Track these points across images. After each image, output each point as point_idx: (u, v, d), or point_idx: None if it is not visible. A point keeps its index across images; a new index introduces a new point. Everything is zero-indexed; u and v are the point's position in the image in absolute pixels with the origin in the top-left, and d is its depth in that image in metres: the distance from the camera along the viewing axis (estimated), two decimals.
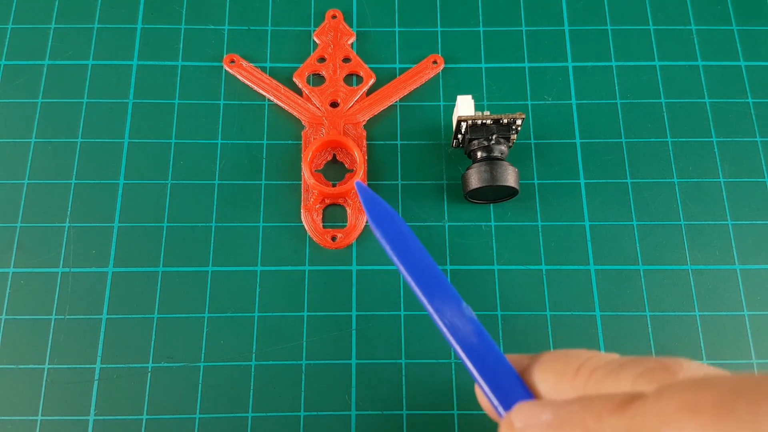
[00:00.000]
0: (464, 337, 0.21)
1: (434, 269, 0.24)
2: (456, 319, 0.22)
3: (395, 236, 0.25)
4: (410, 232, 0.25)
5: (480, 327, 0.22)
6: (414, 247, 0.24)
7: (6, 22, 0.35)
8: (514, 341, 0.29)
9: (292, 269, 0.31)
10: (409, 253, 0.24)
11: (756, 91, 0.34)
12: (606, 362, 0.17)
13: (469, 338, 0.21)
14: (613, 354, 0.18)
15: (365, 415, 0.28)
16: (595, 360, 0.17)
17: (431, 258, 0.24)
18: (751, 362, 0.29)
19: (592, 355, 0.18)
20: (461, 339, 0.21)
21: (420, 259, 0.24)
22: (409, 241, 0.25)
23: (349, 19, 0.36)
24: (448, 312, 0.22)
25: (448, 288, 0.23)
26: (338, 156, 0.33)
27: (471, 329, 0.21)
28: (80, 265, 0.30)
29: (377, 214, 0.26)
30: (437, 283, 0.23)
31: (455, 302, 0.22)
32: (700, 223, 0.32)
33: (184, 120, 0.33)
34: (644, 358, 0.16)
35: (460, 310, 0.22)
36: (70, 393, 0.28)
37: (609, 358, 0.17)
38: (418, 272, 0.23)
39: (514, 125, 0.30)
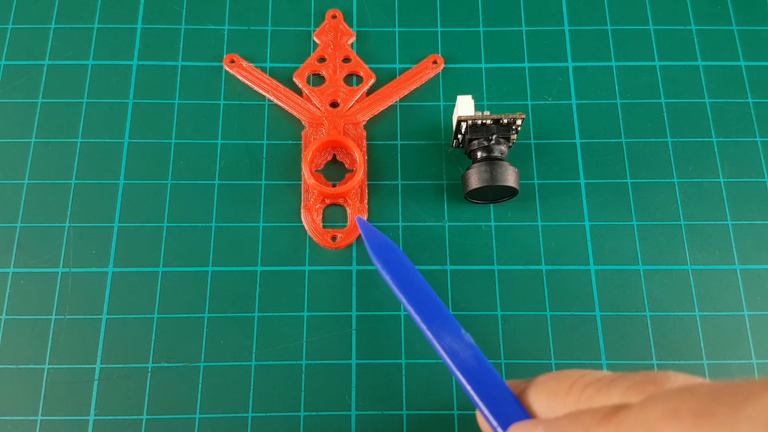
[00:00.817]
0: (463, 362, 0.22)
1: (433, 297, 0.25)
2: (455, 345, 0.23)
3: (396, 267, 0.26)
4: (410, 264, 0.27)
5: (479, 352, 0.22)
6: (413, 276, 0.26)
7: (6, 22, 0.35)
8: (514, 341, 0.29)
9: (292, 269, 0.31)
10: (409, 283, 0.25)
11: (756, 91, 0.34)
12: (597, 379, 0.18)
13: (468, 363, 0.22)
14: (605, 371, 0.18)
15: (365, 415, 0.28)
16: (586, 377, 0.18)
17: (431, 288, 0.25)
18: (751, 362, 0.29)
19: (584, 373, 0.18)
20: (461, 364, 0.22)
21: (419, 288, 0.25)
22: (409, 272, 0.26)
23: (349, 19, 0.36)
24: (447, 338, 0.23)
25: (447, 315, 0.24)
26: (338, 156, 0.33)
27: (470, 354, 0.22)
28: (80, 265, 0.30)
29: (377, 246, 0.27)
30: (437, 310, 0.24)
31: (454, 329, 0.23)
32: (700, 223, 0.32)
33: (184, 120, 0.33)
34: (633, 373, 0.17)
35: (460, 335, 0.23)
36: (70, 393, 0.28)
37: (600, 375, 0.18)
38: (417, 300, 0.25)
39: (514, 125, 0.30)
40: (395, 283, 0.26)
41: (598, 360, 0.29)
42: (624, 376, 0.17)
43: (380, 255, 0.27)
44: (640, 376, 0.17)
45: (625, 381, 0.17)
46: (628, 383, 0.17)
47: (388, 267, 0.26)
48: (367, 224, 0.29)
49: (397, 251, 0.27)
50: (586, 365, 0.29)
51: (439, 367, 0.29)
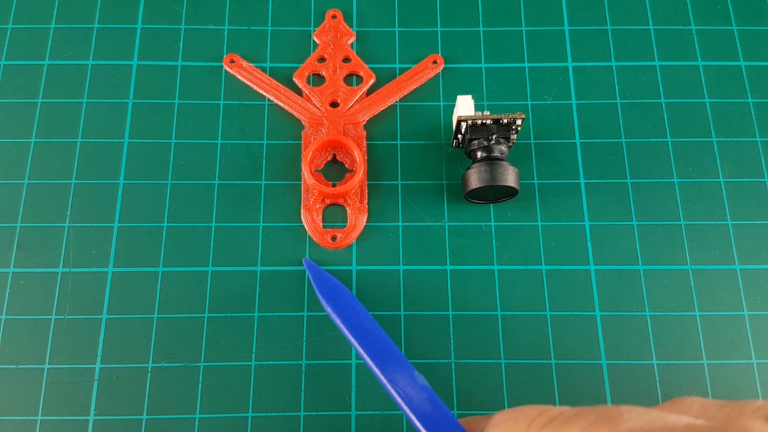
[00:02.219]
0: (418, 405, 0.22)
1: (386, 340, 0.25)
2: (409, 388, 0.23)
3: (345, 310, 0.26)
4: (360, 306, 0.27)
5: (433, 394, 0.23)
6: (365, 319, 0.26)
7: (6, 22, 0.35)
8: (514, 341, 0.29)
9: (292, 269, 0.31)
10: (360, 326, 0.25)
11: (756, 91, 0.34)
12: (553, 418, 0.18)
13: (423, 407, 0.22)
14: (563, 407, 0.18)
15: (365, 415, 0.28)
16: (544, 416, 0.18)
17: (382, 330, 0.25)
18: (751, 362, 0.29)
19: (542, 410, 0.18)
20: (415, 408, 0.22)
21: (371, 331, 0.25)
22: (359, 314, 0.26)
23: (349, 19, 0.36)
24: (401, 381, 0.23)
25: (400, 358, 0.24)
26: (338, 156, 0.33)
27: (425, 397, 0.22)
28: (80, 265, 0.30)
29: (326, 289, 0.27)
30: (389, 353, 0.24)
31: (408, 371, 0.23)
32: (700, 223, 0.32)
33: (184, 120, 0.33)
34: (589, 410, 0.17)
35: (413, 378, 0.23)
36: (70, 393, 0.28)
37: (557, 412, 0.18)
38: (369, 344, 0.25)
39: (514, 125, 0.30)
40: (346, 326, 0.25)
41: (598, 360, 0.29)
42: (580, 414, 0.17)
43: (329, 298, 0.27)
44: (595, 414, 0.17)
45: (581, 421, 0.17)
46: (583, 423, 0.17)
47: (337, 310, 0.26)
48: (315, 266, 0.29)
49: (347, 293, 0.27)
50: (586, 365, 0.29)
51: (438, 368, 0.29)
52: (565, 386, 0.29)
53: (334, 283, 0.28)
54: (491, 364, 0.29)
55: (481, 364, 0.29)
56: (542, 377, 0.29)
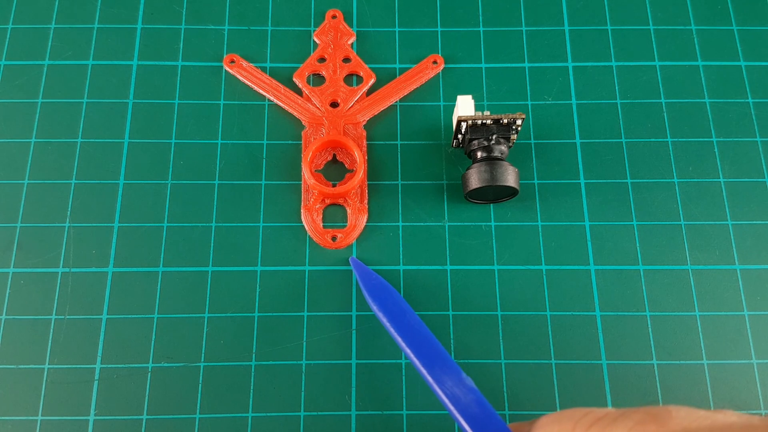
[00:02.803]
0: (466, 407, 0.22)
1: (432, 340, 0.24)
2: (457, 389, 0.22)
3: (392, 309, 0.26)
4: (406, 305, 0.26)
5: (481, 396, 0.22)
6: (411, 319, 0.25)
7: (6, 22, 0.35)
8: (514, 341, 0.29)
9: (292, 269, 0.31)
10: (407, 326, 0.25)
11: (756, 91, 0.34)
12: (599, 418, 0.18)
13: (470, 408, 0.22)
14: (608, 408, 0.18)
15: (365, 415, 0.28)
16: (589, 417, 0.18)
17: (429, 330, 0.25)
18: (751, 362, 0.29)
19: (586, 412, 0.18)
20: (463, 409, 0.22)
21: (418, 331, 0.25)
22: (406, 314, 0.26)
23: (349, 19, 0.36)
24: (448, 382, 0.23)
25: (447, 359, 0.24)
26: (338, 156, 0.33)
27: (472, 399, 0.22)
28: (80, 265, 0.30)
29: (373, 288, 0.27)
30: (437, 354, 0.24)
31: (455, 372, 0.23)
32: (700, 223, 0.32)
33: (184, 120, 0.33)
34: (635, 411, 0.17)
35: (461, 380, 0.23)
36: (70, 393, 0.28)
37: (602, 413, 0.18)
38: (417, 344, 0.24)
39: (514, 125, 0.30)
40: (393, 326, 0.25)
41: (598, 360, 0.29)
42: (626, 414, 0.17)
43: (376, 297, 0.27)
44: (642, 414, 0.17)
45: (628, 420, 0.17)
46: (630, 423, 0.17)
47: (385, 310, 0.26)
48: (362, 265, 0.29)
49: (394, 293, 0.27)
50: (586, 365, 0.29)
51: None
52: (565, 386, 0.29)
53: (381, 282, 0.28)
54: (491, 364, 0.29)
55: (481, 364, 0.29)
56: (542, 377, 0.29)
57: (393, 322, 0.25)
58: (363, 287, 0.27)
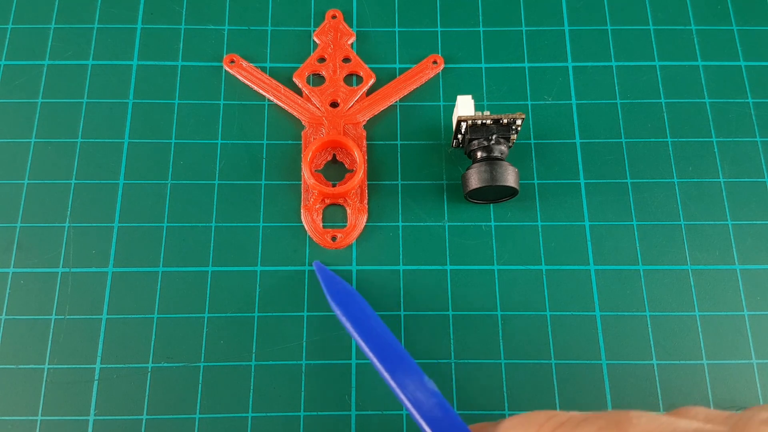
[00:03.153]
0: (428, 411, 0.22)
1: (395, 345, 0.25)
2: (419, 393, 0.23)
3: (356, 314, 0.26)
4: (371, 310, 0.26)
5: (443, 400, 0.22)
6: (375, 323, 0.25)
7: (6, 22, 0.35)
8: (514, 341, 0.29)
9: (292, 269, 0.31)
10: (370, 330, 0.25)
11: (756, 91, 0.34)
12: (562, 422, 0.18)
13: (432, 412, 0.22)
14: (572, 412, 0.18)
15: (365, 415, 0.28)
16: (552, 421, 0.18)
17: (392, 334, 0.25)
18: (751, 362, 0.29)
19: (550, 416, 0.18)
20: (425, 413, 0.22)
21: (381, 335, 0.25)
22: (370, 319, 0.26)
23: (349, 19, 0.36)
24: (410, 386, 0.23)
25: (410, 362, 0.24)
26: (338, 156, 0.33)
27: (434, 402, 0.22)
28: (80, 265, 0.30)
29: (337, 293, 0.27)
30: (399, 357, 0.24)
31: (417, 376, 0.23)
32: (700, 223, 0.32)
33: (184, 120, 0.33)
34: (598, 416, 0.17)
35: (423, 383, 0.23)
36: (70, 393, 0.28)
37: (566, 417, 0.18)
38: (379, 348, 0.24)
39: (514, 125, 0.30)
40: (355, 330, 0.25)
41: (598, 360, 0.29)
42: (589, 419, 0.17)
43: (339, 301, 0.27)
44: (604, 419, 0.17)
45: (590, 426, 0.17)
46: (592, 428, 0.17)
47: (347, 313, 0.26)
48: (325, 269, 0.29)
49: (357, 296, 0.27)
50: (586, 365, 0.29)
51: (438, 368, 0.29)
52: (565, 386, 0.29)
53: (345, 286, 0.28)
54: (491, 364, 0.29)
55: (481, 364, 0.29)
56: (542, 377, 0.29)
57: (356, 326, 0.25)
58: (326, 292, 0.28)
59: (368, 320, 0.26)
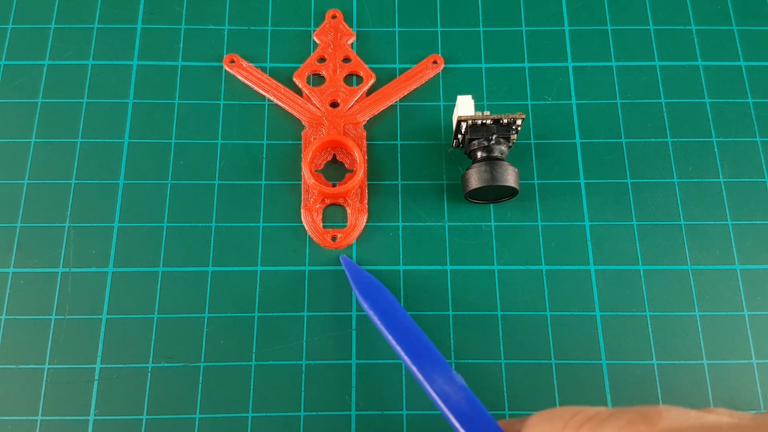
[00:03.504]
0: (456, 404, 0.22)
1: (423, 338, 0.25)
2: (447, 387, 0.23)
3: (384, 308, 0.26)
4: (397, 304, 0.26)
5: (470, 394, 0.22)
6: (401, 317, 0.25)
7: (6, 22, 0.35)
8: (514, 341, 0.29)
9: (292, 269, 0.31)
10: (399, 324, 0.25)
11: (756, 91, 0.34)
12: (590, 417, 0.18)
13: (460, 405, 0.22)
14: (599, 407, 0.18)
15: (365, 415, 0.28)
16: (580, 416, 0.18)
17: (420, 328, 0.25)
18: (751, 362, 0.29)
19: (577, 411, 0.18)
20: (453, 406, 0.22)
21: (409, 329, 0.25)
22: (397, 312, 0.26)
23: (349, 19, 0.36)
24: (439, 380, 0.23)
25: (438, 356, 0.24)
26: (338, 156, 0.33)
27: (462, 396, 0.22)
28: (80, 265, 0.30)
29: (365, 287, 0.27)
30: (427, 352, 0.24)
31: (445, 370, 0.23)
32: (700, 223, 0.32)
33: (184, 120, 0.33)
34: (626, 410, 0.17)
35: (451, 377, 0.23)
36: (70, 393, 0.28)
37: (593, 412, 0.18)
38: (408, 342, 0.24)
39: (514, 125, 0.30)
40: (384, 325, 0.25)
41: (598, 360, 0.29)
42: (617, 414, 0.17)
43: (367, 295, 0.27)
44: (633, 413, 0.17)
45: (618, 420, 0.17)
46: (620, 422, 0.17)
47: (375, 308, 0.26)
48: (352, 263, 0.29)
49: (384, 291, 0.27)
50: (586, 365, 0.29)
51: None
52: (565, 386, 0.29)
53: (372, 280, 0.28)
54: (491, 364, 0.29)
55: (481, 364, 0.29)
56: (542, 377, 0.29)
57: (384, 320, 0.25)
58: (354, 286, 0.28)
59: (395, 313, 0.26)
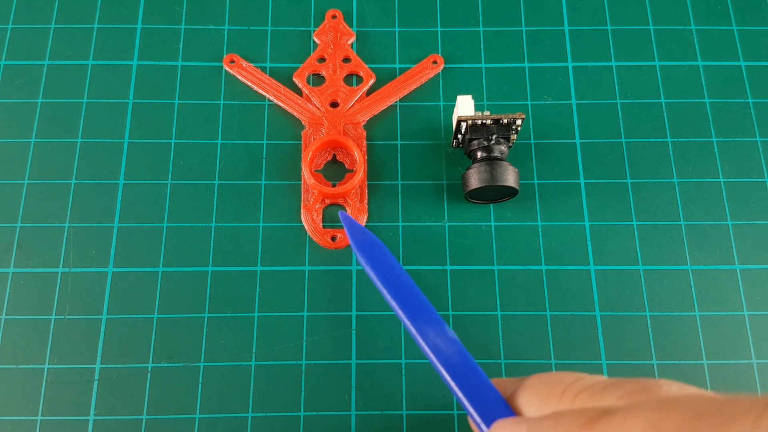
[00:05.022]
0: (448, 357, 0.22)
1: (419, 295, 0.25)
2: (439, 341, 0.22)
3: (380, 263, 0.26)
4: (394, 260, 0.26)
5: (463, 348, 0.22)
6: (398, 273, 0.25)
7: (6, 22, 0.35)
8: (514, 341, 0.29)
9: (292, 269, 0.31)
10: (394, 279, 0.25)
11: (756, 91, 0.34)
12: (590, 385, 0.17)
13: (452, 359, 0.22)
14: (599, 376, 0.18)
15: (365, 415, 0.28)
16: (580, 383, 0.18)
17: (416, 286, 0.25)
18: (751, 362, 0.29)
19: (577, 377, 0.18)
20: (445, 359, 0.22)
21: (404, 285, 0.25)
22: (394, 269, 0.26)
23: (349, 19, 0.36)
24: (431, 333, 0.23)
25: (432, 311, 0.24)
26: (338, 156, 0.33)
27: (454, 350, 0.22)
28: (80, 265, 0.30)
29: (362, 242, 0.27)
30: (421, 306, 0.24)
31: (438, 324, 0.23)
32: (700, 223, 0.32)
33: (184, 120, 0.33)
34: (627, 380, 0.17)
35: (443, 331, 0.23)
36: (70, 393, 0.28)
37: (593, 380, 0.18)
38: (402, 297, 0.24)
39: (514, 125, 0.30)
40: (379, 278, 0.25)
41: (598, 360, 0.29)
42: (617, 383, 0.17)
43: (364, 251, 0.27)
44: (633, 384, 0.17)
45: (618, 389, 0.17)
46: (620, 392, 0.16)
47: (372, 263, 0.26)
48: (351, 220, 0.28)
49: (382, 247, 0.27)
50: (586, 365, 0.29)
51: None
52: None
53: (370, 236, 0.28)
54: (491, 364, 0.29)
55: (481, 363, 0.29)
56: None
57: (380, 275, 0.25)
58: (352, 241, 0.27)
59: (392, 270, 0.25)
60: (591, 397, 0.17)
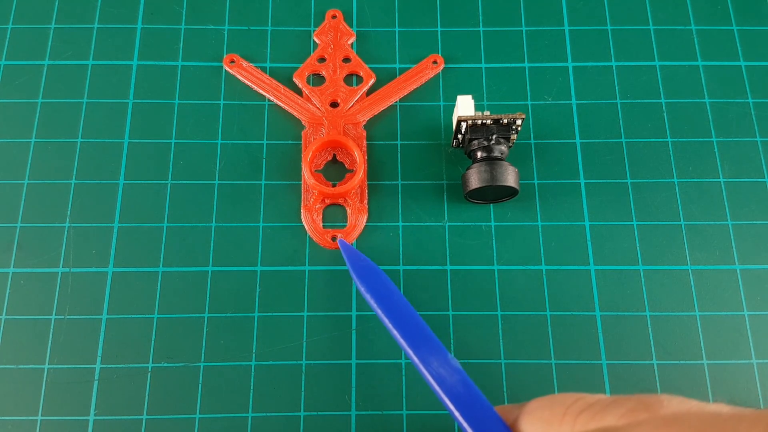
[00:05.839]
0: (451, 387, 0.22)
1: (419, 321, 0.25)
2: (442, 370, 0.22)
3: (379, 291, 0.26)
4: (393, 286, 0.26)
5: (466, 377, 0.22)
6: (398, 300, 0.26)
7: (6, 22, 0.35)
8: (514, 341, 0.29)
9: (292, 269, 0.31)
10: (394, 307, 0.25)
11: (756, 91, 0.34)
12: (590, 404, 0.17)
13: (456, 388, 0.22)
14: (599, 395, 0.18)
15: (365, 415, 0.28)
16: (580, 403, 0.18)
17: (415, 310, 0.25)
18: (751, 362, 0.29)
19: (577, 398, 0.18)
20: (448, 389, 0.22)
21: (405, 312, 0.25)
22: (393, 296, 0.26)
23: (349, 19, 0.36)
24: (434, 362, 0.23)
25: (434, 339, 0.24)
26: (338, 156, 0.33)
27: (457, 379, 0.22)
28: (80, 265, 0.30)
29: (361, 269, 0.27)
30: (423, 334, 0.24)
31: (441, 353, 0.23)
32: (700, 223, 0.32)
33: (184, 120, 0.33)
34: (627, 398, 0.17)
35: (446, 360, 0.23)
36: (70, 393, 0.28)
37: (593, 399, 0.18)
38: (403, 325, 0.24)
39: (514, 125, 0.30)
40: (379, 306, 0.25)
41: (598, 360, 0.29)
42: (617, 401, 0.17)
43: (363, 278, 0.27)
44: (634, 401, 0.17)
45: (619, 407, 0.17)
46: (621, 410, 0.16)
47: (372, 291, 0.26)
48: (349, 246, 0.29)
49: (381, 274, 0.27)
50: (586, 365, 0.29)
51: None
52: (565, 386, 0.29)
53: (369, 263, 0.28)
54: (491, 364, 0.29)
55: (481, 364, 0.29)
56: (542, 377, 0.29)
57: (380, 303, 0.25)
58: (351, 269, 0.28)
59: (392, 296, 0.26)
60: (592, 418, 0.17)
